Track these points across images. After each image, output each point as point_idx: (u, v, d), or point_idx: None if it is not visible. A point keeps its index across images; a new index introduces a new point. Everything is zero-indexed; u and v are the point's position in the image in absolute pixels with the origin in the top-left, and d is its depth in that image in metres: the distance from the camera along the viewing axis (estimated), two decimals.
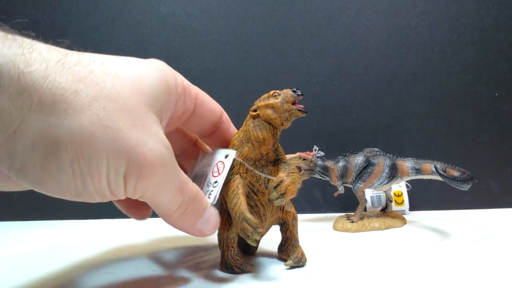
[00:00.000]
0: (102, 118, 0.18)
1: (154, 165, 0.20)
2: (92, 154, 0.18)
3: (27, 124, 0.17)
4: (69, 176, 0.18)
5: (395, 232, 0.46)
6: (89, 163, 0.18)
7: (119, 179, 0.19)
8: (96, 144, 0.18)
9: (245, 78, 0.63)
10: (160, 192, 0.22)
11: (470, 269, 0.30)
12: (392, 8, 0.63)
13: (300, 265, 0.32)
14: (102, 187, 0.19)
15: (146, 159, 0.20)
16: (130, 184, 0.20)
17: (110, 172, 0.19)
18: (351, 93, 0.63)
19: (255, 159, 0.30)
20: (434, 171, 0.45)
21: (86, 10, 0.62)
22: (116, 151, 0.18)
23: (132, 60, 0.22)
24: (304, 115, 0.30)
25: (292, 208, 0.33)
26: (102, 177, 0.19)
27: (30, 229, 0.53)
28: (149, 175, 0.20)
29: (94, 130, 0.18)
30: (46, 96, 0.17)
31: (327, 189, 0.59)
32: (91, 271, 0.32)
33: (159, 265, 0.33)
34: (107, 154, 0.18)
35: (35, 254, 0.38)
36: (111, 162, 0.19)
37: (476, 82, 0.63)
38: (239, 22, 0.63)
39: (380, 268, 0.31)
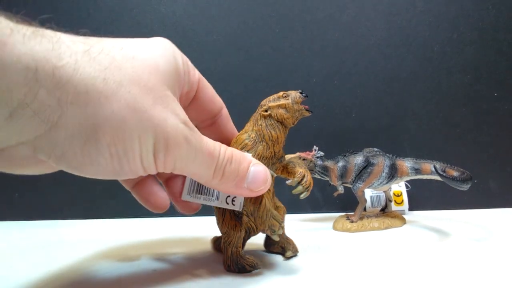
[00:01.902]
0: (130, 102, 0.20)
1: (177, 139, 0.22)
2: (126, 136, 0.20)
3: (66, 115, 0.18)
4: (107, 159, 0.20)
5: (395, 232, 0.46)
6: (124, 145, 0.20)
7: (149, 156, 0.21)
8: (129, 127, 0.20)
9: (245, 78, 0.63)
10: (189, 162, 0.23)
11: (470, 269, 0.31)
12: (392, 7, 0.63)
13: (296, 254, 0.34)
14: (136, 165, 0.21)
15: (169, 134, 0.21)
16: (159, 159, 0.22)
17: (142, 150, 0.21)
18: (351, 93, 0.63)
19: (269, 157, 0.31)
20: (434, 171, 0.45)
21: (86, 10, 0.62)
22: (145, 130, 0.20)
23: (145, 42, 0.23)
24: (310, 114, 0.33)
25: (281, 203, 0.35)
26: (136, 156, 0.21)
27: (30, 229, 0.53)
28: (174, 148, 0.22)
29: (125, 114, 0.19)
30: (80, 88, 0.18)
31: (326, 189, 0.59)
32: (91, 271, 0.32)
33: (159, 265, 0.33)
34: (138, 134, 0.20)
35: (35, 254, 0.38)
36: (142, 141, 0.20)
37: (476, 82, 0.63)
38: (239, 22, 0.63)
39: (380, 268, 0.31)
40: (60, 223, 0.57)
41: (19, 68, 0.16)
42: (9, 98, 0.16)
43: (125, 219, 0.59)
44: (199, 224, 0.52)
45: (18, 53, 0.16)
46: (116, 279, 0.29)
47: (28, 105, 0.17)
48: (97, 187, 0.60)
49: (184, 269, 0.32)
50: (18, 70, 0.16)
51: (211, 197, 0.30)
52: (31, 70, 0.16)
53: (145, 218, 0.58)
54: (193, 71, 0.27)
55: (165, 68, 0.23)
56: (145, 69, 0.21)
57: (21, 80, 0.16)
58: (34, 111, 0.17)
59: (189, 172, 0.24)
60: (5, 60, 0.16)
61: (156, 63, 0.22)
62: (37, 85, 0.17)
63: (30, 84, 0.16)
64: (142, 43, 0.23)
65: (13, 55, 0.16)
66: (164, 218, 0.58)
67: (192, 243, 0.42)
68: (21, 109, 0.17)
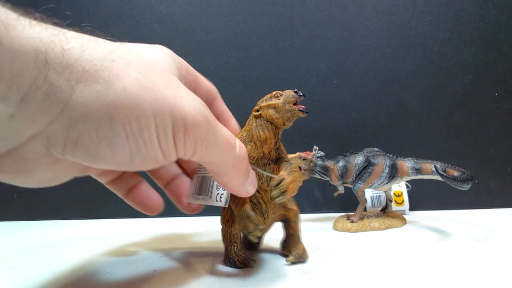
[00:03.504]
0: (141, 81, 0.19)
1: (196, 118, 0.21)
2: (140, 114, 0.19)
3: (77, 94, 0.18)
4: (123, 139, 0.19)
5: (395, 232, 0.46)
6: (139, 123, 0.19)
7: (168, 137, 0.20)
8: (142, 104, 0.19)
9: (245, 78, 0.63)
10: (209, 146, 0.22)
11: (470, 269, 0.30)
12: (392, 7, 0.63)
13: (301, 261, 0.32)
14: (154, 148, 0.20)
15: (187, 113, 0.20)
16: (179, 141, 0.21)
17: (159, 130, 0.20)
18: (351, 93, 0.63)
19: (258, 157, 0.31)
20: (434, 171, 0.45)
21: (86, 10, 0.62)
22: (160, 109, 0.19)
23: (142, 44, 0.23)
24: (305, 115, 0.31)
25: (294, 206, 0.34)
26: (153, 137, 0.20)
27: (30, 229, 0.53)
28: (194, 128, 0.21)
29: (137, 92, 0.19)
30: (88, 66, 0.18)
31: (327, 189, 0.59)
32: (91, 271, 0.32)
33: (159, 265, 0.33)
34: (153, 113, 0.19)
35: (35, 254, 0.38)
36: (158, 121, 0.19)
37: (476, 81, 0.63)
38: (239, 22, 0.63)
39: (380, 268, 0.31)
40: (60, 223, 0.57)
41: (29, 51, 0.16)
42: (20, 82, 0.16)
43: (125, 219, 0.59)
44: (199, 224, 0.52)
45: (27, 37, 0.16)
46: (116, 279, 0.29)
47: (39, 88, 0.17)
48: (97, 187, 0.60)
49: (184, 269, 0.32)
50: (28, 53, 0.16)
51: (206, 197, 0.30)
52: (41, 53, 0.16)
53: (145, 218, 0.58)
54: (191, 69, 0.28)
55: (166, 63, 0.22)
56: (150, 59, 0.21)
57: (31, 63, 0.16)
58: (45, 93, 0.17)
59: (209, 159, 0.23)
60: (14, 44, 0.16)
61: (157, 57, 0.22)
62: (47, 67, 0.17)
63: (40, 67, 0.16)
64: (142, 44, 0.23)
65: (22, 38, 0.16)
66: (164, 218, 0.58)
67: (192, 243, 0.42)
68: (33, 92, 0.16)
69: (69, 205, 0.60)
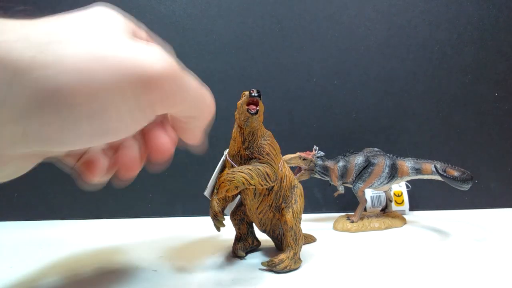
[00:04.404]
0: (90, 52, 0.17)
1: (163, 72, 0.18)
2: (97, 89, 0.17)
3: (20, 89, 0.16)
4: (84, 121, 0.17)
5: (395, 232, 0.46)
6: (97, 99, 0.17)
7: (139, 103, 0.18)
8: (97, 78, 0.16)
9: (245, 78, 0.63)
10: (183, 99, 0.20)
11: (470, 269, 0.31)
12: (392, 8, 0.63)
13: (273, 270, 0.31)
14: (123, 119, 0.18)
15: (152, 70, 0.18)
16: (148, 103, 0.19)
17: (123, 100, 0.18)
18: (351, 93, 0.63)
19: (233, 154, 0.32)
20: (434, 171, 0.45)
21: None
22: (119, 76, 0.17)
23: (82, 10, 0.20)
24: (250, 116, 0.30)
25: (289, 215, 0.33)
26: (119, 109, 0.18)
27: (30, 229, 0.53)
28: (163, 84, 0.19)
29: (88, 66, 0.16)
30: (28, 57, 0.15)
31: (327, 189, 0.59)
32: (91, 271, 0.32)
33: (159, 265, 0.33)
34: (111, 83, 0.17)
35: (35, 254, 0.38)
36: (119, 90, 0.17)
37: (476, 82, 0.63)
38: (239, 22, 0.63)
39: (380, 268, 0.31)
40: (60, 223, 0.57)
41: None
42: None
43: (125, 219, 0.59)
44: (199, 224, 0.52)
45: None
46: (116, 279, 0.29)
47: None
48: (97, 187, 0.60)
49: (184, 269, 0.32)
50: None
51: None
52: None
53: (145, 218, 0.58)
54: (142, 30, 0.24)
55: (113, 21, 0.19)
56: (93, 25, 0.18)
57: None
58: None
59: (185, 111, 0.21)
60: None
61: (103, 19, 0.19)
62: None
63: None
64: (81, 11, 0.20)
65: None
66: (164, 218, 0.58)
67: (192, 243, 0.42)
68: None
69: (69, 205, 0.60)
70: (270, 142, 0.32)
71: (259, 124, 0.31)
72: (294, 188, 0.34)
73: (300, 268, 0.32)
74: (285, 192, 0.33)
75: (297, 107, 0.62)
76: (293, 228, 0.32)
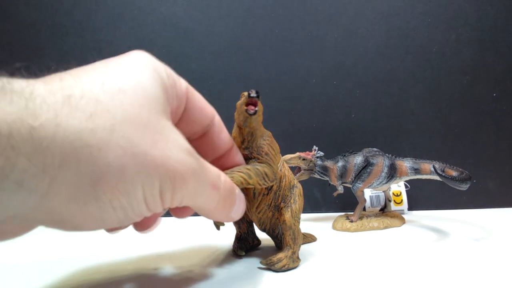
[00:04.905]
0: (126, 148, 0.17)
1: (185, 175, 0.20)
2: (128, 187, 0.18)
3: (57, 181, 0.16)
4: (111, 213, 0.18)
5: (394, 231, 0.46)
6: (128, 196, 0.18)
7: (156, 199, 0.19)
8: (129, 176, 0.18)
9: (245, 78, 0.63)
10: (196, 196, 0.22)
11: (468, 268, 0.31)
12: (391, 8, 0.63)
13: (271, 269, 0.31)
14: (142, 211, 0.20)
15: (175, 172, 0.19)
16: (166, 199, 0.20)
17: (146, 196, 0.19)
18: (350, 93, 0.64)
19: None
20: (433, 171, 0.46)
21: (87, 11, 0.62)
22: (148, 175, 0.18)
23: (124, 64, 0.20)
24: (248, 116, 0.30)
25: (288, 214, 0.33)
26: (141, 203, 0.19)
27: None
28: (182, 185, 0.20)
29: (123, 163, 0.17)
30: (65, 147, 0.16)
31: (326, 189, 0.59)
32: (91, 271, 0.32)
33: (159, 264, 0.33)
34: (141, 181, 0.18)
35: (35, 254, 0.38)
36: (146, 187, 0.18)
37: (475, 82, 0.64)
38: (239, 22, 0.63)
39: (379, 267, 0.32)
40: None
41: None
42: None
43: None
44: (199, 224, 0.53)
45: None
46: (116, 279, 0.30)
47: (8, 177, 0.14)
48: None
49: (184, 269, 0.32)
50: None
51: None
52: (4, 136, 0.14)
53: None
54: (179, 82, 0.24)
55: (153, 92, 0.20)
56: (135, 102, 0.19)
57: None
58: (17, 182, 0.15)
59: (195, 205, 0.23)
60: None
61: (143, 90, 0.19)
62: (14, 153, 0.14)
63: (5, 153, 0.14)
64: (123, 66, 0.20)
65: None
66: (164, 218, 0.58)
67: (192, 242, 0.42)
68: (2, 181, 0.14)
69: None
70: (269, 142, 0.32)
71: (258, 124, 0.31)
72: (293, 188, 0.34)
73: (298, 267, 0.32)
74: (284, 191, 0.33)
75: (297, 107, 0.63)
76: (292, 227, 0.33)
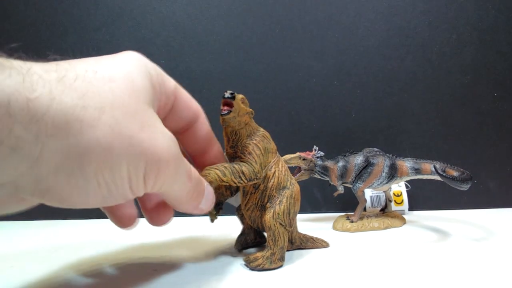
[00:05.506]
0: (114, 128, 0.19)
1: (168, 160, 0.21)
2: (113, 163, 0.19)
3: (48, 149, 0.17)
4: (95, 188, 0.19)
5: (395, 232, 0.46)
6: (111, 172, 0.19)
7: (139, 180, 0.21)
8: (115, 153, 0.19)
9: (245, 79, 0.63)
10: (174, 182, 0.23)
11: (469, 269, 0.31)
12: (392, 8, 0.63)
13: (247, 266, 0.32)
14: (125, 190, 0.20)
15: (160, 157, 0.21)
16: (149, 182, 0.21)
17: (131, 176, 0.20)
18: (350, 93, 0.63)
19: (225, 153, 0.34)
20: (434, 171, 0.46)
21: (86, 10, 0.62)
22: (134, 156, 0.19)
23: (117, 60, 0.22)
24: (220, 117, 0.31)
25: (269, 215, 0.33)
26: (125, 182, 0.20)
27: (30, 229, 0.53)
28: (165, 170, 0.21)
29: (111, 141, 0.18)
30: (58, 118, 0.17)
31: (326, 189, 0.59)
32: (91, 271, 0.32)
33: (160, 264, 0.33)
34: (127, 160, 0.19)
35: (35, 254, 0.38)
36: (131, 168, 0.20)
37: (475, 82, 0.63)
38: (239, 22, 0.63)
39: (380, 267, 0.31)
40: (60, 223, 0.57)
41: None
42: None
43: None
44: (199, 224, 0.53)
45: None
46: (116, 279, 0.29)
47: (3, 142, 0.15)
48: None
49: (185, 269, 0.32)
50: None
51: None
52: (3, 105, 0.15)
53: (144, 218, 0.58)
54: (168, 82, 0.26)
55: (142, 85, 0.22)
56: (124, 91, 0.20)
57: None
58: (11, 147, 0.16)
59: (169, 193, 0.24)
60: None
61: (133, 82, 0.21)
62: (11, 121, 0.15)
63: (3, 120, 0.15)
64: (114, 61, 0.22)
65: None
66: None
67: (192, 242, 0.42)
68: None
69: None
70: (257, 142, 0.33)
71: (239, 124, 0.32)
72: (284, 189, 0.34)
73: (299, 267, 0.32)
74: (271, 192, 0.33)
75: (297, 107, 0.62)
76: (272, 228, 0.32)
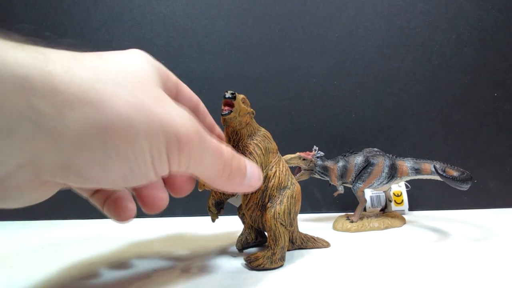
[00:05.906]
0: (132, 101, 0.18)
1: (189, 134, 0.21)
2: (134, 137, 0.18)
3: (68, 121, 0.17)
4: (117, 162, 0.19)
5: (395, 232, 0.46)
6: (133, 146, 0.19)
7: (162, 156, 0.20)
8: (135, 126, 0.18)
9: (245, 78, 0.63)
10: (202, 158, 0.22)
11: (469, 269, 0.31)
12: (392, 8, 0.63)
13: (249, 266, 0.32)
14: (147, 167, 0.20)
15: (180, 130, 0.20)
16: (174, 158, 0.21)
17: (153, 150, 0.19)
18: (350, 93, 0.63)
19: None
20: (434, 171, 0.46)
21: (86, 10, 0.62)
22: (153, 129, 0.19)
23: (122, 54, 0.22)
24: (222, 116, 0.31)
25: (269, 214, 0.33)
26: (147, 157, 0.19)
27: (30, 229, 0.53)
28: (188, 146, 0.21)
29: (130, 113, 0.18)
30: (78, 91, 0.17)
31: (326, 189, 0.59)
32: (91, 271, 0.32)
33: (160, 264, 0.33)
34: (147, 134, 0.19)
35: (35, 254, 0.38)
36: (152, 141, 0.19)
37: (475, 82, 0.63)
38: (239, 22, 0.63)
39: (380, 268, 0.31)
40: (60, 223, 0.57)
41: (9, 77, 0.15)
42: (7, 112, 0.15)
43: None
44: (200, 224, 0.53)
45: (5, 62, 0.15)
46: (116, 279, 0.29)
47: (26, 118, 0.15)
48: None
49: (185, 269, 0.32)
50: (10, 78, 0.15)
51: None
52: (24, 78, 0.15)
53: (145, 218, 0.58)
54: (171, 75, 0.26)
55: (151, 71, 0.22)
56: (136, 72, 0.20)
57: (16, 90, 0.15)
58: (35, 123, 0.15)
59: (201, 170, 0.23)
60: None
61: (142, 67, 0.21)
62: (31, 93, 0.15)
63: (23, 94, 0.15)
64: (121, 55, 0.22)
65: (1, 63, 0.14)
66: (164, 218, 0.58)
67: (193, 242, 0.42)
68: (21, 122, 0.15)
69: (69, 205, 0.60)
70: (258, 142, 0.33)
71: (240, 124, 0.32)
72: (285, 189, 0.34)
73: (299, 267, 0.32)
74: (272, 192, 0.33)
75: (297, 107, 0.62)
76: (272, 228, 0.32)
